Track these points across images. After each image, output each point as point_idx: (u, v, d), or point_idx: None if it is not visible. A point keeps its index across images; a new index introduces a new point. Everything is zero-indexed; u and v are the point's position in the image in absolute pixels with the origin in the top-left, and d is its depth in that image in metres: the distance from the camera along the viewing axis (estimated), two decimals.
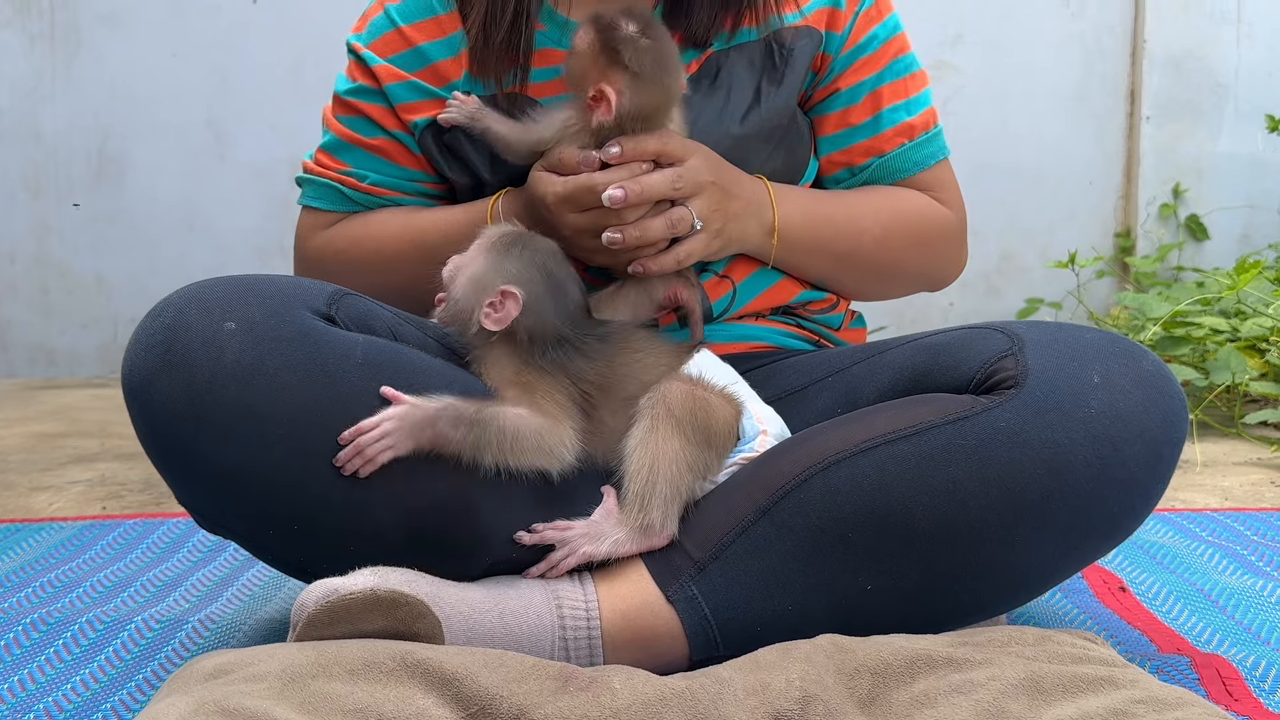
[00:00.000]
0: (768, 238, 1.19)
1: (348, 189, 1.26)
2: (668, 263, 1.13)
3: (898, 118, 1.26)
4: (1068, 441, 0.98)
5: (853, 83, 1.25)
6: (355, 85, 1.25)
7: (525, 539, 1.03)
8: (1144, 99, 3.15)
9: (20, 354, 3.22)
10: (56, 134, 3.19)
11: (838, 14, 1.24)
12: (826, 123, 1.27)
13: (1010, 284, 3.21)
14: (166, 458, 1.03)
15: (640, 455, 1.01)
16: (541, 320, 1.06)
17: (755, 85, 1.22)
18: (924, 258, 1.30)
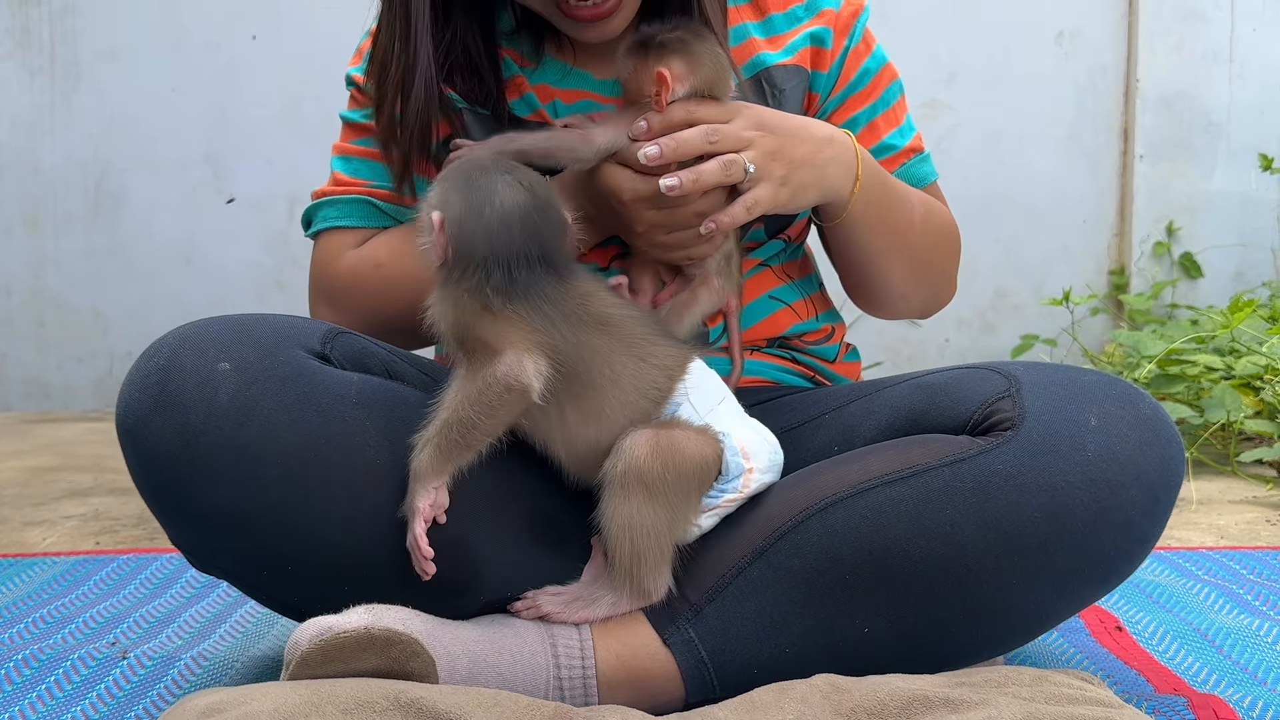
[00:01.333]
0: (849, 184, 1.17)
1: (379, 200, 1.24)
2: (738, 212, 1.11)
3: (895, 144, 1.29)
4: (1065, 485, 0.98)
5: (848, 117, 1.28)
6: (368, 109, 1.24)
7: (520, 610, 1.02)
8: (1137, 137, 3.18)
9: (15, 387, 3.22)
10: (55, 168, 3.20)
11: (823, 53, 1.26)
12: None
13: (1005, 321, 3.22)
14: (160, 498, 1.03)
15: (618, 532, 0.98)
16: (469, 246, 0.97)
17: None
18: (945, 258, 1.31)
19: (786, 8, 1.27)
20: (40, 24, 3.18)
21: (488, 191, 0.98)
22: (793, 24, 1.27)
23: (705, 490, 1.03)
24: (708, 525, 1.04)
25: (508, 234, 0.97)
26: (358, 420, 1.01)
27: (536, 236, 0.98)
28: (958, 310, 3.15)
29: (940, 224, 1.29)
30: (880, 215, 1.21)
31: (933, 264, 1.30)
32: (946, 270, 1.32)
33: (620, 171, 1.12)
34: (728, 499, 1.03)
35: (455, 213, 0.98)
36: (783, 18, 1.27)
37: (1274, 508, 1.93)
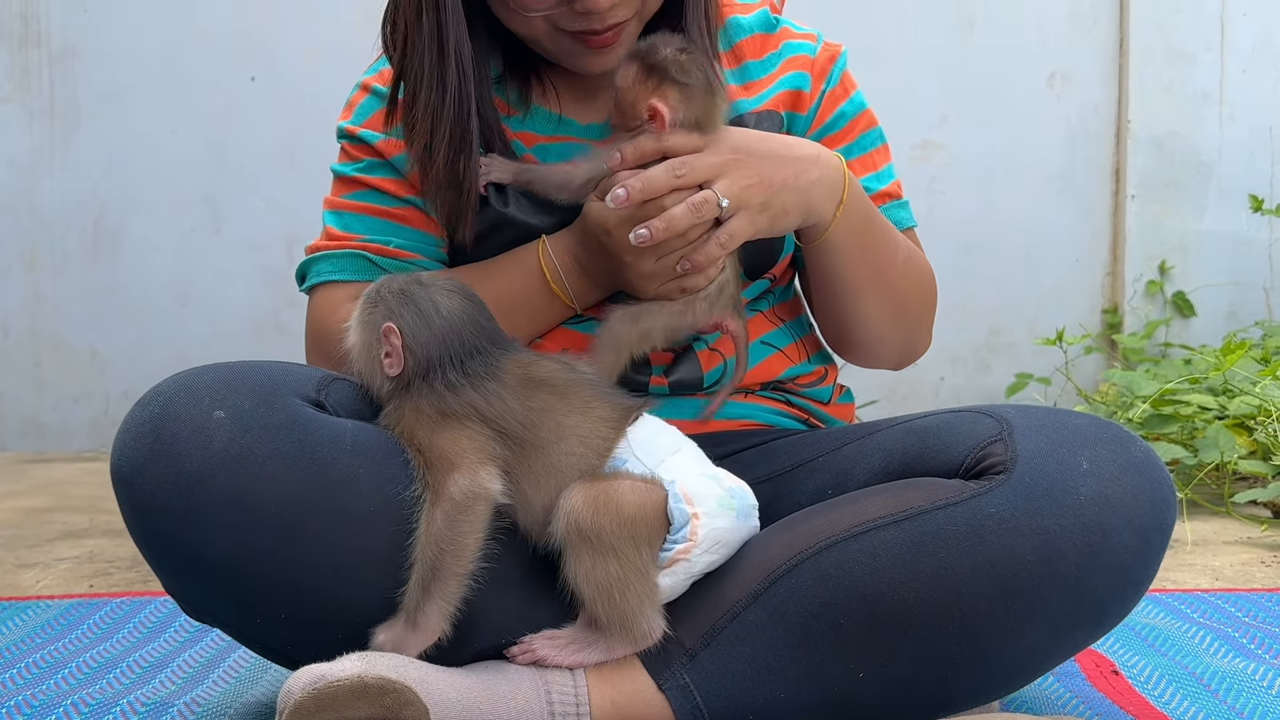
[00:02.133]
0: (833, 206, 1.16)
1: (374, 255, 1.23)
2: (713, 250, 1.11)
3: (870, 187, 1.27)
4: (1058, 528, 0.98)
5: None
6: (361, 163, 1.25)
7: (516, 655, 1.02)
8: (1129, 178, 3.20)
9: (11, 426, 3.22)
10: (53, 208, 3.21)
11: (801, 95, 1.27)
12: None
13: (999, 359, 3.23)
14: (154, 546, 1.03)
15: (583, 585, 0.99)
16: (426, 352, 1.03)
17: None
18: (923, 303, 1.30)
19: (763, 55, 1.29)
20: (40, 66, 3.21)
21: (428, 302, 1.06)
22: (768, 70, 1.28)
23: (656, 536, 1.01)
24: (668, 584, 1.02)
25: (457, 335, 1.05)
26: (351, 468, 1.01)
27: (478, 328, 1.06)
28: (952, 348, 3.16)
29: (920, 269, 1.28)
30: (862, 246, 1.20)
31: (911, 307, 1.29)
32: (923, 317, 1.31)
33: (600, 205, 1.13)
34: (680, 549, 1.01)
35: (408, 326, 1.04)
36: (758, 65, 1.28)
37: (1269, 548, 1.93)
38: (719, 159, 1.11)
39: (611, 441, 1.04)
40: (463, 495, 0.99)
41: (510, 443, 1.01)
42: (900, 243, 1.25)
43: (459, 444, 1.01)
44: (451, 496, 0.99)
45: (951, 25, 3.19)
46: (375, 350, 1.05)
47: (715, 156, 1.11)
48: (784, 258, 1.28)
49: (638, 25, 1.19)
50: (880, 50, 3.13)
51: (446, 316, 1.05)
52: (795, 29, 1.31)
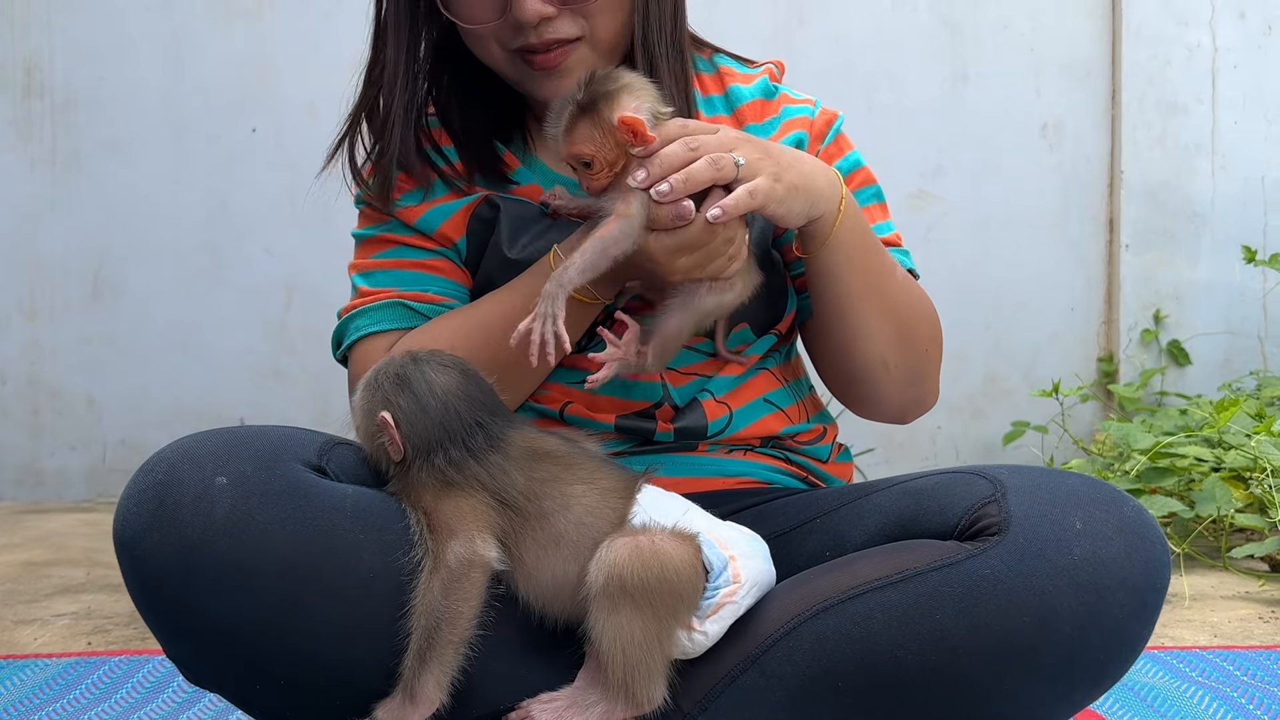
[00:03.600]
0: (835, 201, 1.16)
1: (412, 302, 1.25)
2: (741, 196, 1.09)
3: None
4: (1052, 589, 0.98)
5: None
6: (385, 223, 1.29)
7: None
8: (1122, 227, 3.22)
9: (8, 475, 3.22)
10: (54, 256, 3.23)
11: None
12: (791, 249, 1.28)
13: (996, 407, 3.24)
14: (155, 612, 1.03)
15: (609, 645, 0.98)
16: (424, 436, 1.04)
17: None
18: (928, 330, 1.27)
19: (763, 119, 1.31)
20: (42, 116, 3.23)
21: (422, 382, 1.05)
22: (769, 132, 1.30)
23: (696, 594, 1.02)
24: (714, 631, 1.02)
25: (454, 415, 1.04)
26: (352, 533, 1.02)
27: (477, 405, 1.06)
28: (948, 397, 3.15)
29: (921, 296, 1.28)
30: (864, 249, 1.20)
31: (914, 331, 1.26)
32: (929, 352, 1.28)
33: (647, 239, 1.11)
34: (725, 593, 1.02)
35: (403, 413, 1.05)
36: (759, 128, 1.30)
37: (1266, 604, 1.93)
38: (731, 135, 1.12)
39: (620, 510, 1.04)
40: (458, 562, 0.99)
41: (513, 513, 1.02)
42: (896, 267, 1.25)
43: (460, 511, 1.01)
44: (448, 564, 0.99)
45: (945, 77, 3.23)
46: (376, 437, 1.06)
47: (728, 134, 1.12)
48: (789, 314, 1.30)
49: (591, 54, 1.21)
50: (875, 103, 3.16)
51: (441, 397, 1.05)
52: (794, 95, 1.34)
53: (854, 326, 1.23)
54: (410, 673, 0.98)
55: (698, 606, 1.02)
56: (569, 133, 1.11)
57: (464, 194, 1.27)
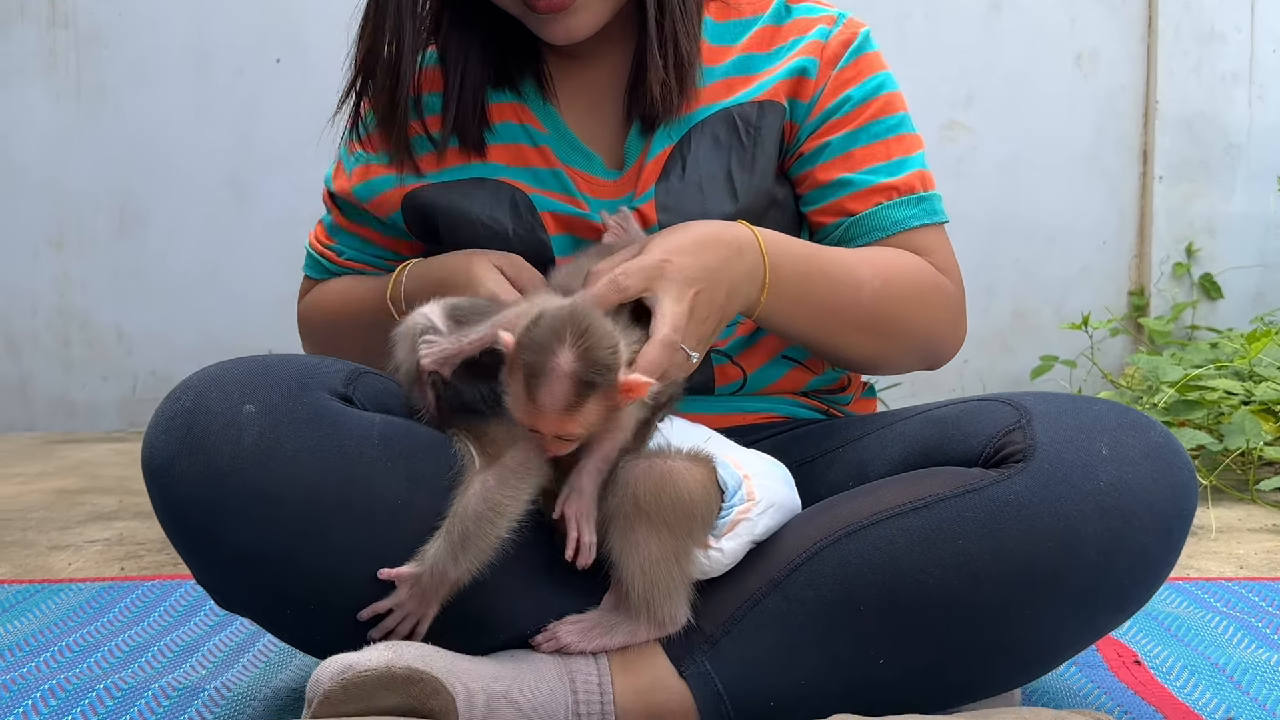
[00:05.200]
0: (757, 289, 1.10)
1: (327, 261, 1.34)
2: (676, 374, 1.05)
3: (873, 179, 1.21)
4: (1077, 514, 0.98)
5: (819, 144, 1.22)
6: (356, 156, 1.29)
7: (540, 643, 1.03)
8: (1156, 159, 3.17)
9: (41, 406, 3.26)
10: (80, 189, 3.24)
11: (805, 82, 1.21)
12: (800, 183, 1.24)
13: (1024, 342, 3.22)
14: (186, 539, 1.04)
15: (627, 564, 1.00)
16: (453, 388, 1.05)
17: (725, 169, 1.19)
18: (924, 318, 1.20)
19: (771, 48, 1.24)
20: (67, 49, 3.23)
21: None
22: (775, 60, 1.23)
23: (711, 513, 1.03)
24: (731, 549, 1.03)
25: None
26: (380, 461, 1.02)
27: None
28: (976, 331, 3.13)
29: (909, 285, 1.19)
30: (811, 301, 1.13)
31: (904, 327, 1.20)
32: (930, 329, 1.22)
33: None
34: (740, 510, 1.03)
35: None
36: (764, 56, 1.23)
37: None
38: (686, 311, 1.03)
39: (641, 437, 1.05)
40: (518, 464, 1.00)
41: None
42: (865, 277, 1.15)
43: (515, 432, 1.02)
44: (506, 464, 1.00)
45: (978, 6, 3.17)
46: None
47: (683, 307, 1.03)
48: None
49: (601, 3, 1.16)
50: (906, 32, 3.11)
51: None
52: (813, 14, 1.25)
53: (828, 349, 1.19)
54: (441, 556, 0.99)
55: (713, 525, 1.03)
56: (573, 412, 0.96)
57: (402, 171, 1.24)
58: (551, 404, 0.95)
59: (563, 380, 0.94)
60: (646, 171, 1.19)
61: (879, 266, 1.17)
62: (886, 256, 1.19)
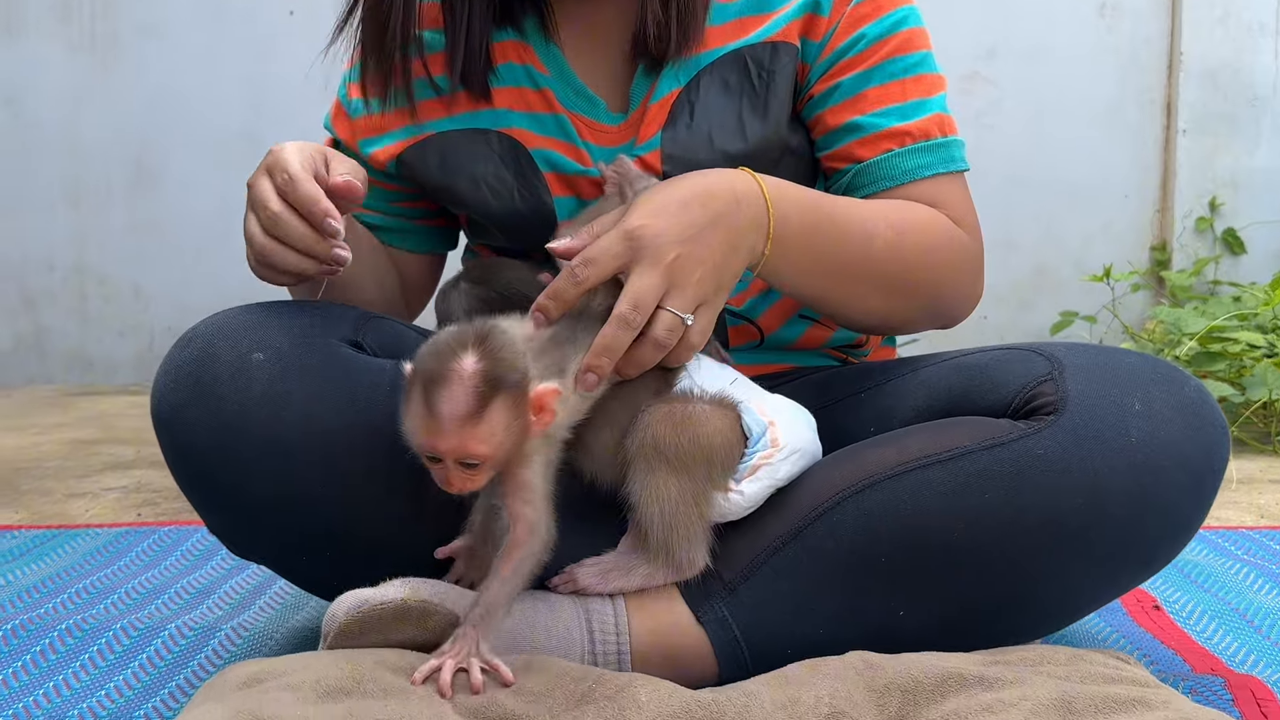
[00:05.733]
0: (762, 240, 1.04)
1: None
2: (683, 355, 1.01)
3: (885, 123, 1.14)
4: (1107, 470, 0.96)
5: (830, 85, 1.16)
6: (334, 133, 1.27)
7: (557, 584, 1.02)
8: (1180, 111, 3.13)
9: (58, 360, 3.27)
10: (95, 143, 3.23)
11: (817, 20, 1.16)
12: (813, 127, 1.18)
13: (1044, 297, 3.19)
14: (196, 487, 1.03)
15: (646, 506, 0.98)
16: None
17: (737, 114, 1.15)
18: (938, 273, 1.14)
19: None
20: (81, 1, 3.21)
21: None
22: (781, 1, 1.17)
23: (731, 458, 1.02)
24: (751, 492, 1.02)
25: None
26: (392, 408, 1.01)
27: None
28: (995, 286, 3.11)
29: (924, 239, 1.13)
30: (818, 254, 1.07)
31: (917, 283, 1.14)
32: (942, 285, 1.16)
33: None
34: (763, 455, 1.02)
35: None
36: None
37: None
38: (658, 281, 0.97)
39: (664, 379, 1.04)
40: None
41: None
42: (878, 230, 1.09)
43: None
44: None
45: None
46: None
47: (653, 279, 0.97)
48: None
49: None
50: None
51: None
52: None
53: (836, 306, 1.13)
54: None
55: (734, 469, 1.02)
56: (476, 422, 0.87)
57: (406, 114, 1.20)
58: (451, 411, 0.86)
59: (462, 380, 0.86)
60: (651, 114, 1.16)
61: (892, 219, 1.11)
62: (901, 209, 1.13)
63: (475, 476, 0.90)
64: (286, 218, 1.01)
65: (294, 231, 1.01)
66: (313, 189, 1.01)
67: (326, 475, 0.99)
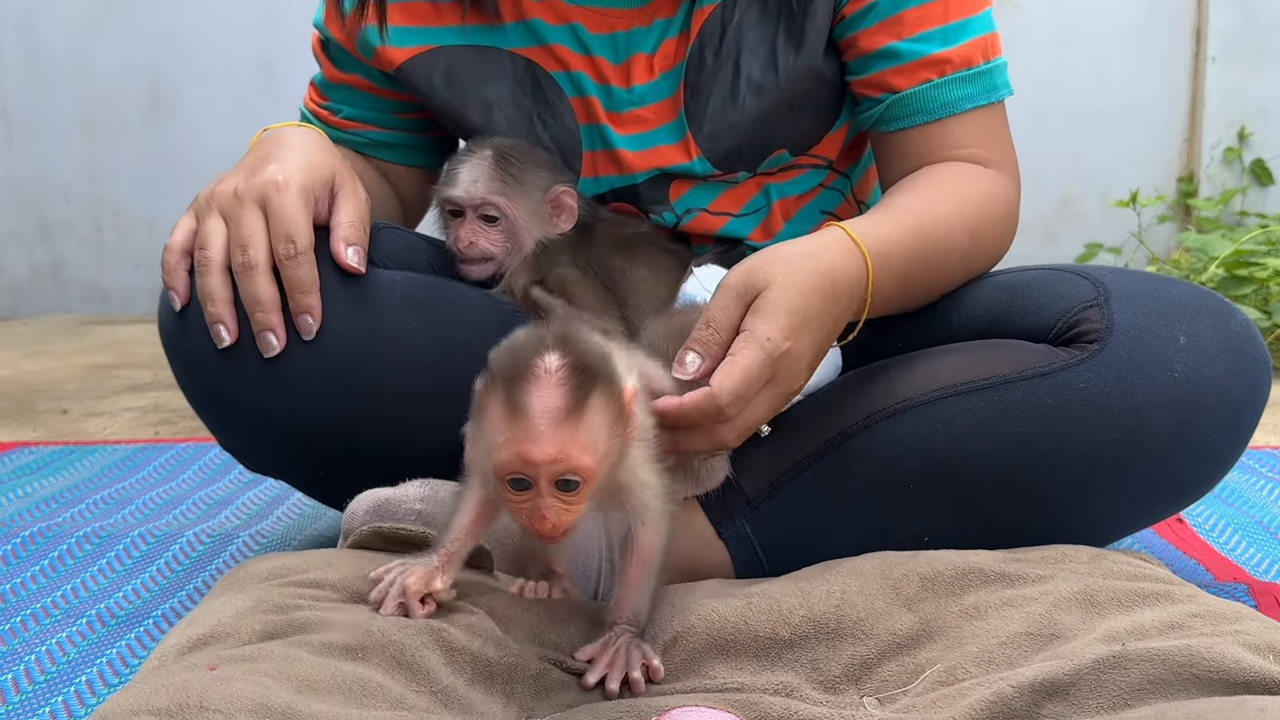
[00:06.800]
0: (853, 316, 0.97)
1: (322, 122, 1.21)
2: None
3: (924, 49, 1.06)
4: (1148, 406, 0.93)
5: (862, 6, 1.07)
6: (329, 40, 1.20)
7: None
8: (1210, 39, 3.06)
9: (74, 290, 3.27)
10: (109, 73, 3.20)
11: None
12: (846, 49, 1.10)
13: (1069, 229, 3.14)
14: (207, 404, 1.03)
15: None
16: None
17: (770, 43, 1.08)
18: (998, 252, 1.11)
19: None
20: None
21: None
22: None
23: None
24: None
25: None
26: (404, 319, 1.00)
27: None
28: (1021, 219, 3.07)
29: (992, 231, 1.07)
30: (893, 302, 1.02)
31: (978, 270, 1.09)
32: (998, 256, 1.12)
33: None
34: None
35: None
36: None
37: None
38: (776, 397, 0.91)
39: (675, 286, 1.05)
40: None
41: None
42: (955, 241, 1.03)
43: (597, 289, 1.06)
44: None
45: None
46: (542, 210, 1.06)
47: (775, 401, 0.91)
48: (835, 130, 1.14)
49: None
50: None
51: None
52: None
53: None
54: None
55: None
56: (575, 423, 0.73)
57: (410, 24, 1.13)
58: (544, 411, 0.72)
59: (553, 375, 0.72)
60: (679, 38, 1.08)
61: (969, 221, 1.05)
62: (974, 203, 1.06)
63: (574, 504, 0.73)
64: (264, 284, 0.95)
65: (264, 297, 0.95)
66: (310, 275, 0.96)
67: (336, 388, 0.98)
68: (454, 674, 0.79)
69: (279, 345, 0.96)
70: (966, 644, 0.79)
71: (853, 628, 0.83)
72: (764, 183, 1.14)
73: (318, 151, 1.02)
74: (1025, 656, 0.76)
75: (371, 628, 0.79)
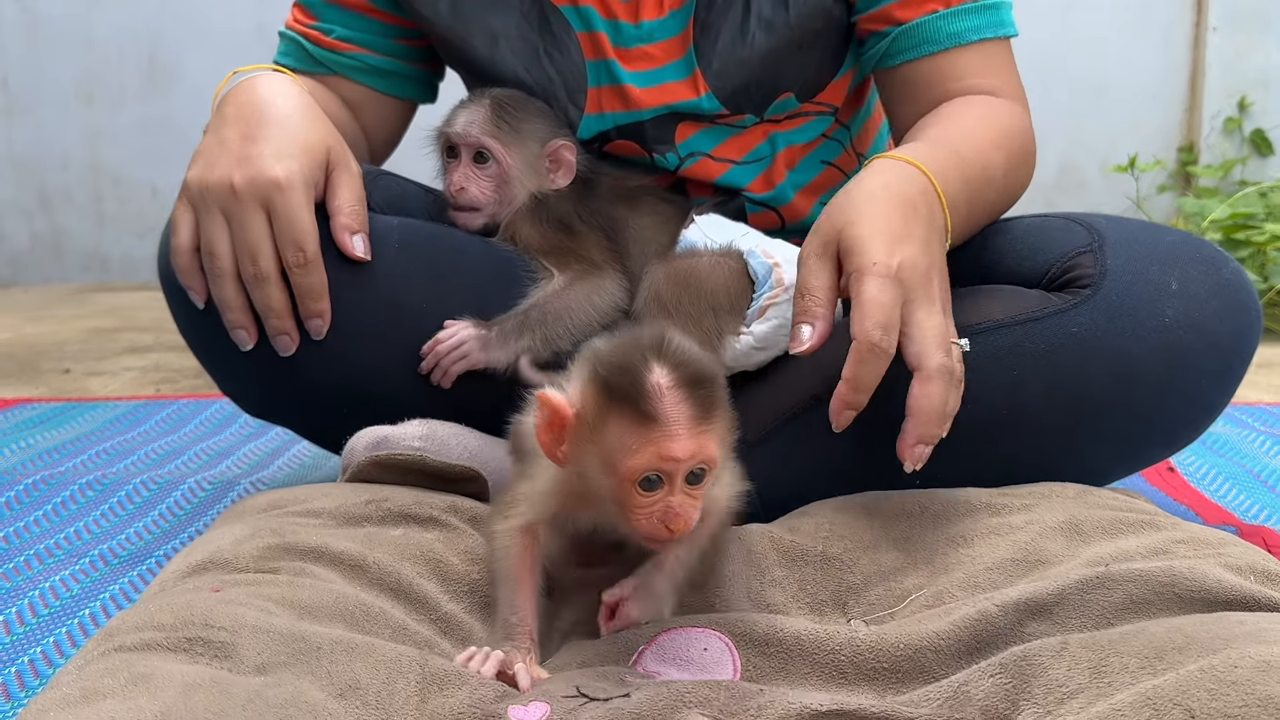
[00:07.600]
0: (945, 234, 0.96)
1: (310, 43, 1.18)
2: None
3: None
4: (1139, 350, 0.94)
5: None
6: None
7: None
8: (1211, 8, 3.05)
9: (75, 260, 3.27)
10: (108, 40, 3.20)
11: None
12: None
13: (1068, 198, 3.14)
14: (205, 348, 1.04)
15: None
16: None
17: None
18: (1027, 179, 1.10)
19: None
20: None
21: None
22: None
23: (739, 303, 1.02)
24: (762, 332, 1.02)
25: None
26: (400, 265, 1.01)
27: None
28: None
29: (1024, 157, 1.07)
30: (968, 221, 1.02)
31: (1017, 196, 1.10)
32: (1026, 185, 1.11)
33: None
34: (769, 295, 1.01)
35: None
36: None
37: None
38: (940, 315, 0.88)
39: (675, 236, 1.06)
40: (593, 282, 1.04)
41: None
42: (995, 165, 1.02)
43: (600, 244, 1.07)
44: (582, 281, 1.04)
45: None
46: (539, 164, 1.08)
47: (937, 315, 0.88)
48: (839, 78, 1.14)
49: None
50: None
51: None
52: None
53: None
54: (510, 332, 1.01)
55: (743, 314, 1.02)
56: (709, 417, 0.74)
57: None
58: (679, 410, 0.72)
59: (675, 376, 0.73)
60: None
61: (1003, 146, 1.04)
62: (1004, 130, 1.05)
63: (698, 496, 0.74)
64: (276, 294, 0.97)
65: (277, 305, 0.98)
66: (320, 281, 0.98)
67: (333, 334, 0.99)
68: (453, 601, 0.81)
69: (293, 346, 1.00)
70: (953, 570, 0.80)
71: (840, 556, 0.84)
72: (770, 131, 1.14)
73: (307, 123, 1.01)
74: (1011, 581, 0.78)
75: (369, 557, 0.80)
